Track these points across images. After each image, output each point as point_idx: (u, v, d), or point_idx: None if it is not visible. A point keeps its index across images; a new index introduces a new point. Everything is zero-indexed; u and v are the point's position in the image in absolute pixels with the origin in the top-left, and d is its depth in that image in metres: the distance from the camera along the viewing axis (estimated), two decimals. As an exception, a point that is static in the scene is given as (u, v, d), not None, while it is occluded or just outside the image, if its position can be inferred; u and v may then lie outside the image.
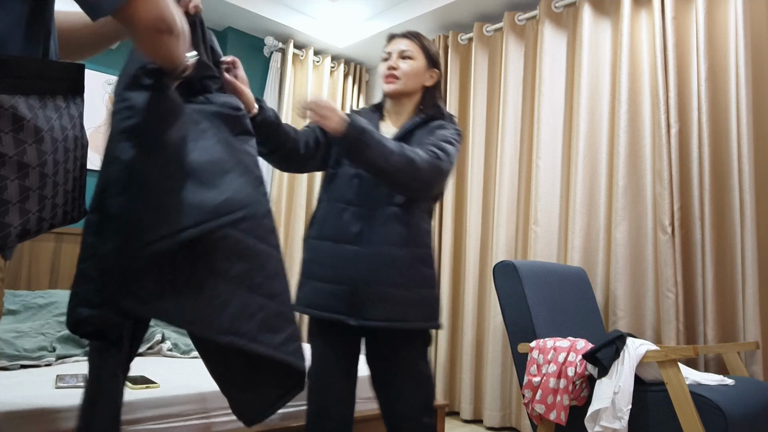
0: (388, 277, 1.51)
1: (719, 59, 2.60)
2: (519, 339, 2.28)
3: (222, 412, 1.75)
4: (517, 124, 3.32)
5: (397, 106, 1.69)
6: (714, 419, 1.74)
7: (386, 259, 1.51)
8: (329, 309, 1.54)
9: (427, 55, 1.67)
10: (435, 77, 1.69)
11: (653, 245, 2.67)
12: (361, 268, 1.51)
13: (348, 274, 1.52)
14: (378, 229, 1.53)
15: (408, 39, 1.67)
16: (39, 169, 0.79)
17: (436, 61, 1.69)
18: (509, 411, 3.11)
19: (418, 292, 1.54)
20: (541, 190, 3.05)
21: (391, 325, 1.51)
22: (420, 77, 1.66)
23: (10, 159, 0.76)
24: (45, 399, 1.50)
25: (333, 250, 1.55)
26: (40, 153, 0.79)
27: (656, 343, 2.58)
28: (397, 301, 1.51)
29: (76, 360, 2.04)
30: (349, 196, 1.57)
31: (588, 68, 2.96)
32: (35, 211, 0.81)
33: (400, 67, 1.63)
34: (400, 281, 1.51)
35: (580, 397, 2.03)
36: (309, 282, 1.59)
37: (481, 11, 3.56)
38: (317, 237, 1.60)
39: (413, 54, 1.65)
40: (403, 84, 1.64)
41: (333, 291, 1.54)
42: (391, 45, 1.69)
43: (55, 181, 0.83)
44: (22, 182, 0.78)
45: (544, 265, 2.53)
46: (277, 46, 4.09)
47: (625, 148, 2.76)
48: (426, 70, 1.67)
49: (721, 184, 2.53)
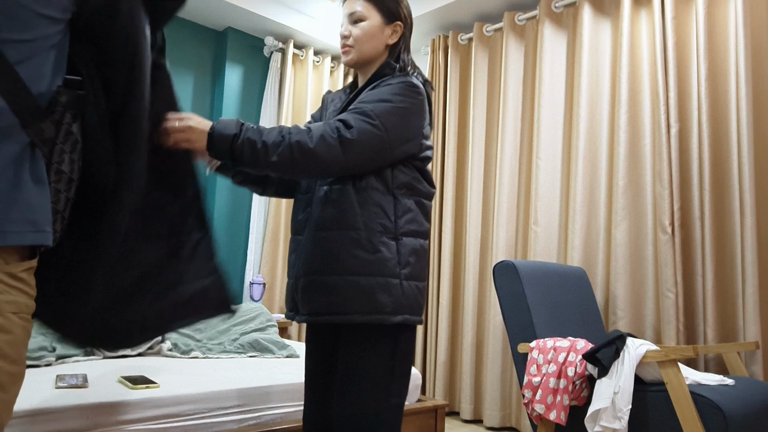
0: (321, 264, 1.32)
1: (719, 59, 2.60)
2: (519, 339, 2.28)
3: (222, 412, 1.75)
4: (517, 124, 3.32)
5: (363, 75, 1.48)
6: (714, 419, 1.74)
7: (317, 245, 1.34)
8: (288, 308, 1.44)
9: (380, 8, 1.42)
10: (399, 31, 1.45)
11: (653, 245, 2.67)
12: (299, 258, 1.37)
13: (293, 267, 1.41)
14: (314, 213, 1.37)
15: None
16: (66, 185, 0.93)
17: (395, 12, 1.44)
18: (509, 411, 3.11)
19: (353, 279, 1.30)
20: (541, 190, 3.05)
21: (331, 319, 1.31)
22: (378, 38, 1.43)
23: (65, 176, 0.90)
24: (45, 399, 1.50)
25: (292, 243, 1.45)
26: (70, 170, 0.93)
27: (656, 343, 2.58)
28: (331, 291, 1.31)
29: (76, 360, 2.04)
30: (302, 184, 1.45)
31: (588, 68, 2.96)
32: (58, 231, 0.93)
33: (352, 34, 1.42)
34: (332, 268, 1.31)
35: (580, 397, 2.03)
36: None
37: (481, 11, 3.56)
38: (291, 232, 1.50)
39: (363, 14, 1.41)
40: (358, 52, 1.42)
41: (290, 287, 1.42)
42: (343, 9, 1.46)
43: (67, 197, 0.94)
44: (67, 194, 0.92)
45: (544, 265, 2.53)
46: (277, 46, 4.09)
47: (625, 148, 2.76)
48: (384, 26, 1.43)
49: (721, 184, 2.53)
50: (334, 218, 1.33)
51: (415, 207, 1.39)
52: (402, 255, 1.34)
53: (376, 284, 1.31)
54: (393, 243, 1.34)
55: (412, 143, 1.36)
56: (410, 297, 1.34)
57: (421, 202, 1.41)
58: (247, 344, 2.45)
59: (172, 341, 2.33)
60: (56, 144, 0.87)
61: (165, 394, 1.66)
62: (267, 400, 1.85)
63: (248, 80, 4.07)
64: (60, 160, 0.88)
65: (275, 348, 2.46)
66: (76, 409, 1.49)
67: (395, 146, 1.32)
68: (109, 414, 1.53)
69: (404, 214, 1.36)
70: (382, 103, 1.31)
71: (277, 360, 2.34)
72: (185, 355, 2.27)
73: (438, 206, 3.64)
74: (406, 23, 1.47)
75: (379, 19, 1.43)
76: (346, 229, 1.32)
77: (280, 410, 1.87)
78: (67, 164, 0.90)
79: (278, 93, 4.14)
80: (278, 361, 2.30)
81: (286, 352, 2.45)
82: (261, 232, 4.00)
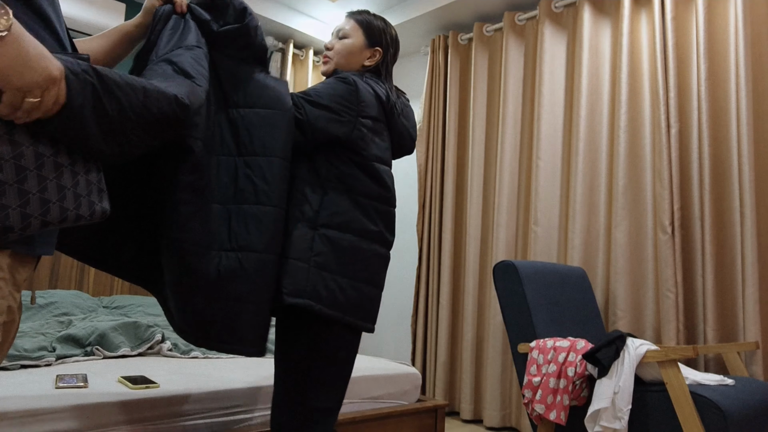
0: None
1: (719, 59, 2.60)
2: (519, 339, 2.28)
3: (222, 412, 1.75)
4: (517, 124, 3.32)
5: None
6: (714, 419, 1.74)
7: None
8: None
9: (366, 32, 1.53)
10: (377, 56, 1.54)
11: (653, 245, 2.67)
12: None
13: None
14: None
15: (349, 17, 1.57)
16: (14, 161, 0.77)
17: (378, 39, 1.54)
18: (509, 411, 3.11)
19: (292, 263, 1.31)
20: (541, 190, 3.05)
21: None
22: (355, 56, 1.52)
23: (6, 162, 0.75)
24: (45, 399, 1.50)
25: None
26: (15, 145, 0.77)
27: (656, 343, 2.58)
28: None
29: (76, 360, 2.04)
30: None
31: (588, 68, 2.96)
32: (15, 206, 0.78)
33: (334, 47, 1.54)
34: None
35: (580, 397, 2.03)
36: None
37: (481, 11, 3.56)
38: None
39: (349, 32, 1.53)
40: (335, 64, 1.53)
41: None
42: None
43: (41, 174, 0.80)
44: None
45: (544, 265, 2.53)
46: (277, 46, 4.09)
47: (625, 148, 2.76)
48: (364, 48, 1.53)
49: (721, 184, 2.53)
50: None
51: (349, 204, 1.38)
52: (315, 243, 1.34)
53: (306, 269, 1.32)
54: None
55: (335, 123, 1.37)
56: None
57: (357, 201, 1.39)
58: (247, 344, 2.46)
59: (172, 341, 2.33)
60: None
61: (165, 394, 1.66)
62: (267, 400, 1.85)
63: (248, 80, 4.07)
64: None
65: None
66: (76, 409, 1.49)
67: (312, 119, 1.35)
68: (109, 414, 1.53)
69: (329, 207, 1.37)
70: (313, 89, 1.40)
71: (277, 360, 2.34)
72: (185, 355, 2.27)
73: (438, 206, 3.63)
74: (387, 51, 1.55)
75: (362, 41, 1.53)
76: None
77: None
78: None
79: (278, 93, 4.14)
80: (278, 361, 2.30)
81: (286, 352, 2.45)
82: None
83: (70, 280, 3.32)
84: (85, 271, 3.38)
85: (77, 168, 0.86)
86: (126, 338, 2.22)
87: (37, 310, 2.63)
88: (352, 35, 1.53)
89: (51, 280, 3.20)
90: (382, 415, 2.07)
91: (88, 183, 0.88)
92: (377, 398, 2.12)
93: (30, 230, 0.81)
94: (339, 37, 1.54)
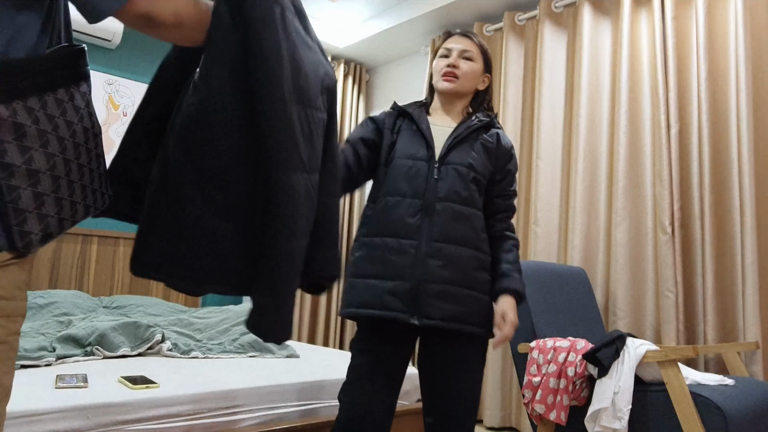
0: (450, 275, 1.46)
1: (719, 59, 2.60)
2: (519, 339, 2.28)
3: (222, 412, 1.75)
4: (517, 124, 3.32)
5: (448, 105, 1.65)
6: (714, 419, 1.74)
7: (448, 256, 1.46)
8: (387, 307, 1.45)
9: (485, 59, 1.66)
10: (487, 81, 1.68)
11: (653, 245, 2.67)
12: (422, 264, 1.46)
13: (407, 270, 1.46)
14: (438, 224, 1.48)
15: (469, 39, 1.64)
16: (50, 172, 0.79)
17: (489, 66, 1.68)
18: (509, 411, 3.11)
19: (477, 296, 1.50)
20: (541, 190, 3.05)
21: (451, 325, 1.45)
22: (476, 80, 1.64)
23: (18, 168, 0.75)
24: (45, 399, 1.50)
25: (388, 244, 1.49)
26: (48, 156, 0.78)
27: (656, 343, 2.58)
28: (459, 301, 1.46)
29: (76, 360, 2.04)
30: (404, 188, 1.52)
31: (588, 68, 2.96)
32: (54, 214, 0.80)
33: (460, 67, 1.60)
34: (462, 281, 1.47)
35: (580, 397, 2.03)
36: (361, 281, 1.51)
37: (481, 11, 3.56)
38: (369, 234, 1.53)
39: (474, 56, 1.62)
40: (461, 84, 1.61)
41: (391, 288, 1.46)
42: (451, 42, 1.65)
43: (70, 179, 0.82)
44: (35, 189, 0.77)
45: (544, 265, 2.53)
46: (277, 46, 4.09)
47: (625, 148, 2.76)
48: (482, 73, 1.65)
49: (721, 184, 2.53)
50: (464, 236, 1.49)
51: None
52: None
53: (490, 304, 1.53)
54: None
55: None
56: None
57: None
58: (247, 344, 2.45)
59: (172, 341, 2.32)
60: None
61: (165, 394, 1.66)
62: (267, 400, 1.85)
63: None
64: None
65: (275, 348, 2.46)
66: (76, 409, 1.49)
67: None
68: (109, 414, 1.53)
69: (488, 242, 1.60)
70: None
71: (277, 360, 2.34)
72: (185, 355, 2.27)
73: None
74: (492, 78, 1.71)
75: (482, 66, 1.65)
76: (474, 249, 1.51)
77: (280, 410, 1.87)
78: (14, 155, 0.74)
79: (278, 93, 4.13)
80: (278, 361, 2.30)
81: (286, 352, 2.45)
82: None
83: (70, 280, 3.32)
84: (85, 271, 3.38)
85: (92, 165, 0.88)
86: (126, 338, 2.22)
87: (37, 310, 2.62)
88: (476, 59, 1.62)
89: (51, 280, 3.20)
90: (382, 415, 2.06)
91: (100, 176, 0.90)
92: (377, 398, 2.12)
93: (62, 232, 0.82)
94: (464, 57, 1.61)
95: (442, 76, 1.61)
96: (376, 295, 1.47)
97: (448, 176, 1.51)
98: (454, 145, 1.55)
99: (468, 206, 1.51)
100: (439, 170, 1.52)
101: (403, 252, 1.47)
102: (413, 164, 1.53)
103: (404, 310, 1.45)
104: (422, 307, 1.44)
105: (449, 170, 1.52)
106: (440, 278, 1.45)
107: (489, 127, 1.62)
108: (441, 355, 1.52)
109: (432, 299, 1.44)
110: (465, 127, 1.59)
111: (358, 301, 1.49)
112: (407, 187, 1.52)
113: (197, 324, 2.69)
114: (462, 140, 1.57)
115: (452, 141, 1.55)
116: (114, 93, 3.60)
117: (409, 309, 1.45)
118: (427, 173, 1.52)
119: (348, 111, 4.39)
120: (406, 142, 1.57)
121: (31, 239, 0.77)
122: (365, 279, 1.50)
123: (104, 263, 3.46)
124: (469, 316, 1.47)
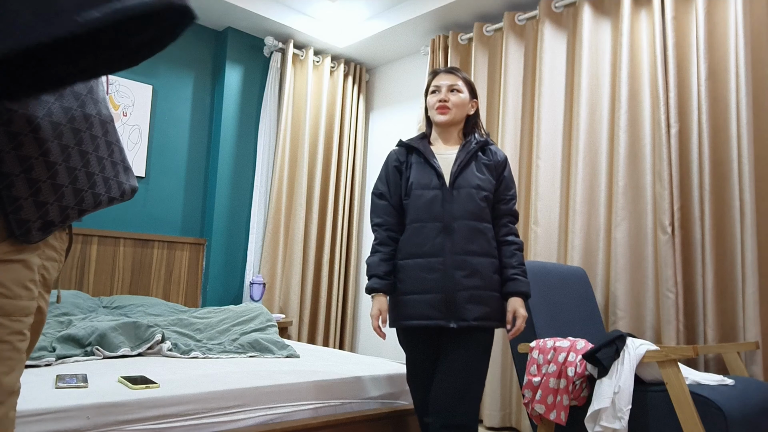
0: (474, 282, 1.74)
1: (719, 59, 2.60)
2: (519, 339, 2.28)
3: (222, 412, 1.75)
4: (517, 124, 3.32)
5: (446, 134, 1.92)
6: (714, 419, 1.74)
7: (471, 267, 1.74)
8: (428, 317, 1.75)
9: (469, 88, 1.92)
10: (475, 106, 1.95)
11: (653, 245, 2.67)
12: (450, 277, 1.74)
13: (439, 284, 1.75)
14: (457, 240, 1.75)
15: (453, 74, 1.91)
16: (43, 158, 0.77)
17: (474, 92, 1.95)
18: (509, 411, 3.11)
19: (496, 295, 1.79)
20: (541, 190, 3.05)
21: (481, 324, 1.74)
22: (465, 107, 1.91)
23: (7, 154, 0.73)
24: (45, 399, 1.50)
25: (419, 264, 1.78)
26: (41, 141, 0.76)
27: (656, 343, 2.58)
28: (485, 303, 1.75)
29: (76, 360, 2.04)
30: (424, 215, 1.80)
31: (588, 68, 2.96)
32: (52, 201, 0.78)
33: (450, 99, 1.87)
34: (485, 285, 1.76)
35: (580, 397, 2.03)
36: (403, 298, 1.80)
37: (481, 11, 3.56)
38: (403, 258, 1.82)
39: (460, 87, 1.89)
40: (453, 114, 1.87)
41: (429, 301, 1.75)
42: (439, 80, 1.91)
43: (69, 166, 0.80)
44: (29, 175, 0.76)
45: (544, 265, 2.53)
46: (277, 46, 4.09)
47: (625, 148, 2.76)
48: (469, 101, 1.92)
49: (721, 184, 2.53)
50: (482, 247, 1.78)
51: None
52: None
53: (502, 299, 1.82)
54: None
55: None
56: None
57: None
58: (247, 344, 2.45)
59: (172, 341, 2.32)
60: None
61: (165, 394, 1.66)
62: (267, 400, 1.85)
63: (248, 80, 4.07)
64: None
65: (275, 348, 2.46)
66: (76, 409, 1.49)
67: None
68: (109, 414, 1.53)
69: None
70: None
71: (277, 360, 2.34)
72: (185, 355, 2.27)
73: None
74: (478, 102, 1.99)
75: (468, 95, 1.92)
76: (490, 257, 1.79)
77: (280, 410, 1.87)
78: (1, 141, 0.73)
79: (278, 93, 4.14)
80: (278, 361, 2.29)
81: (286, 352, 2.45)
82: (261, 232, 4.00)
83: (70, 280, 3.32)
84: (85, 271, 3.38)
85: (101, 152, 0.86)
86: (126, 338, 2.22)
87: (37, 310, 2.62)
88: (463, 90, 1.90)
89: (51, 280, 3.19)
90: (383, 415, 2.07)
91: (114, 164, 0.89)
92: (377, 398, 2.12)
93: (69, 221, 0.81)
94: (452, 91, 1.88)
95: (437, 110, 1.89)
96: (418, 308, 1.77)
97: (461, 198, 1.78)
98: (460, 171, 1.81)
99: (480, 221, 1.79)
100: (451, 194, 1.79)
101: (433, 269, 1.76)
102: (429, 193, 1.81)
103: (442, 317, 1.74)
104: (457, 312, 1.73)
105: (461, 193, 1.79)
106: (467, 286, 1.74)
107: (484, 146, 1.89)
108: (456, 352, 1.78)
109: (463, 304, 1.73)
110: (465, 152, 1.85)
111: (405, 314, 1.80)
112: (427, 213, 1.80)
113: (197, 324, 2.69)
114: (465, 165, 1.83)
115: (457, 168, 1.81)
116: (114, 93, 3.60)
117: (446, 316, 1.74)
118: (442, 198, 1.79)
119: (348, 111, 4.39)
120: (419, 175, 1.84)
121: (29, 227, 0.76)
122: (405, 296, 1.80)
123: (104, 263, 3.46)
124: (493, 314, 1.77)
